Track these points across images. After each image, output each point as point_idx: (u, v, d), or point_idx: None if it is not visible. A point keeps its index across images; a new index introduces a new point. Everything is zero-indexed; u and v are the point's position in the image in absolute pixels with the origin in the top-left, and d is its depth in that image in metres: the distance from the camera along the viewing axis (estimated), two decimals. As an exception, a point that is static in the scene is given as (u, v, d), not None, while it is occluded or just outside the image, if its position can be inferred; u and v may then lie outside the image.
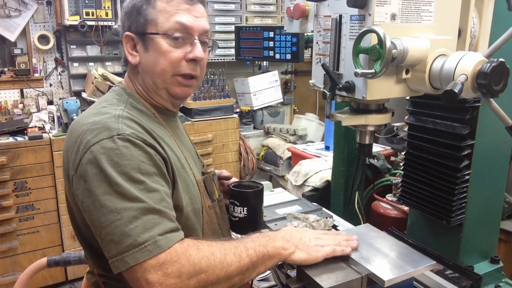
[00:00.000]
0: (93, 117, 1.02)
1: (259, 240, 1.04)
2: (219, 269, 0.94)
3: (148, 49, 1.11)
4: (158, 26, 1.09)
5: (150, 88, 1.14)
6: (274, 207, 1.55)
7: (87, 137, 0.98)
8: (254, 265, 1.00)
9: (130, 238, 0.90)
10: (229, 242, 1.01)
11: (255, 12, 4.20)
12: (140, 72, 1.15)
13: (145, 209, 0.92)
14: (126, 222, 0.90)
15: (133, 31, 1.12)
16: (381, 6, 0.94)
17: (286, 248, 1.05)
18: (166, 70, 1.10)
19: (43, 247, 3.18)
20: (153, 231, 0.91)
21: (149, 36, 1.09)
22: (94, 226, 0.95)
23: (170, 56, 1.09)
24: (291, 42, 3.61)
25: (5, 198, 2.99)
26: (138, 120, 1.05)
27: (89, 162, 0.95)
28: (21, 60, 3.46)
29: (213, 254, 0.95)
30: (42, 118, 3.41)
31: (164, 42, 1.09)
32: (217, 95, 3.81)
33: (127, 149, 0.96)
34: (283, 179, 3.61)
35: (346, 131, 1.91)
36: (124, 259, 0.90)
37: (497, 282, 1.36)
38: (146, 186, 0.95)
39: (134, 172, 0.95)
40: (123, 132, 0.98)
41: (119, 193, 0.92)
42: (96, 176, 0.94)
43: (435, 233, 1.42)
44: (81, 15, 3.38)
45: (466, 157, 1.27)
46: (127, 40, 1.13)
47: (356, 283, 1.03)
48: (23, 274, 1.80)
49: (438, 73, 0.96)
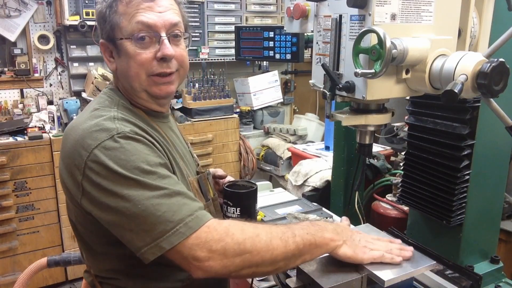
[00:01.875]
0: (88, 121, 1.02)
1: (308, 228, 1.03)
2: (264, 251, 0.95)
3: (120, 55, 1.10)
4: (122, 30, 1.07)
5: (131, 91, 1.13)
6: (274, 207, 1.56)
7: (87, 141, 0.97)
8: (300, 252, 1.00)
9: (161, 225, 0.91)
10: (276, 227, 1.01)
11: (255, 12, 4.20)
12: (119, 77, 1.15)
13: (166, 194, 0.94)
14: (153, 210, 0.92)
15: (104, 39, 1.12)
16: (381, 6, 0.94)
17: (335, 240, 1.04)
18: (139, 73, 1.08)
19: (43, 247, 3.18)
20: (181, 212, 0.93)
21: (117, 41, 1.08)
22: (119, 224, 0.95)
23: (139, 59, 1.07)
24: (291, 42, 3.61)
25: (5, 198, 2.99)
26: (133, 120, 1.05)
27: (96, 165, 0.95)
28: (21, 60, 3.46)
29: (258, 235, 0.96)
30: (42, 118, 3.41)
31: (130, 45, 1.07)
32: (217, 95, 3.81)
33: (130, 145, 0.97)
34: (283, 179, 3.61)
35: (346, 131, 1.91)
36: (159, 245, 0.91)
37: (497, 282, 1.35)
38: (159, 174, 0.96)
39: (144, 164, 0.96)
40: (122, 130, 0.98)
41: (137, 185, 0.93)
42: (109, 177, 0.94)
43: (435, 233, 1.42)
44: (81, 15, 3.38)
45: (466, 157, 1.27)
46: (104, 48, 1.13)
47: (356, 283, 1.03)
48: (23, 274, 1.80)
49: (438, 73, 0.96)
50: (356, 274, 1.04)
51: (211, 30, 4.02)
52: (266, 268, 0.97)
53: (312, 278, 1.03)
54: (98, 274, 1.14)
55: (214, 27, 4.03)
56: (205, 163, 3.67)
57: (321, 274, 1.04)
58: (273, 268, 0.99)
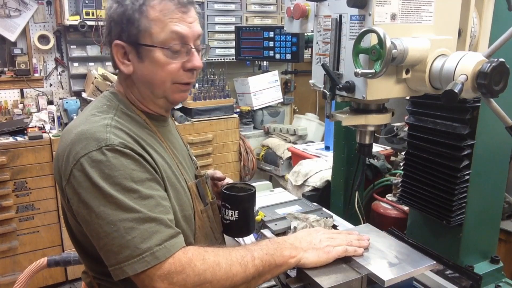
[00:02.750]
0: (82, 126, 1.02)
1: (267, 248, 1.04)
2: (224, 279, 0.96)
3: (143, 60, 1.07)
4: (153, 37, 1.05)
5: (147, 97, 1.12)
6: (274, 207, 1.56)
7: (76, 148, 0.97)
8: (260, 274, 1.01)
9: (128, 249, 0.91)
10: (236, 251, 1.01)
11: (255, 12, 4.20)
12: (135, 81, 1.12)
13: (140, 219, 0.93)
14: (123, 233, 0.92)
15: (124, 40, 1.07)
16: (381, 6, 0.94)
17: (293, 256, 1.05)
18: (165, 81, 1.08)
19: (43, 247, 3.18)
20: (150, 241, 0.92)
21: (144, 47, 1.05)
22: (92, 236, 0.97)
23: (169, 68, 1.07)
24: (291, 42, 3.61)
25: (5, 198, 2.98)
26: (126, 130, 1.04)
27: (81, 174, 0.95)
28: (21, 60, 3.46)
29: (218, 264, 0.96)
30: (42, 118, 3.41)
31: (161, 54, 1.05)
32: (217, 95, 3.81)
33: (116, 159, 0.96)
34: (283, 179, 3.61)
35: (346, 131, 1.91)
36: (123, 269, 0.92)
37: (497, 282, 1.36)
38: (140, 194, 0.95)
39: (127, 181, 0.95)
40: (111, 142, 0.97)
41: (114, 204, 0.93)
42: (89, 189, 0.94)
43: (435, 233, 1.42)
44: (81, 15, 3.38)
45: (466, 157, 1.27)
46: (117, 49, 1.08)
47: (356, 283, 1.03)
48: (23, 274, 1.80)
49: (438, 73, 0.96)
50: (356, 274, 1.04)
51: (211, 30, 4.02)
52: None
53: (312, 278, 1.03)
54: (95, 275, 1.14)
55: (214, 27, 4.03)
56: (205, 163, 3.66)
57: (321, 274, 1.04)
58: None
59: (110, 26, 1.09)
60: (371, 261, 1.09)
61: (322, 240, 1.10)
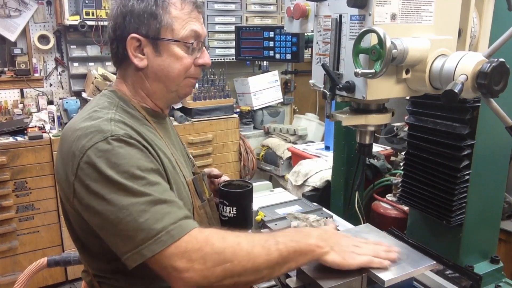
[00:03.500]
0: (85, 122, 1.03)
1: (292, 235, 1.02)
2: (245, 260, 0.93)
3: (161, 54, 1.11)
4: (174, 33, 1.10)
5: (158, 91, 1.15)
6: (274, 207, 1.56)
7: (82, 142, 0.98)
8: (284, 260, 0.97)
9: (143, 232, 0.91)
10: (259, 235, 1.02)
11: (255, 12, 4.20)
12: (148, 75, 1.14)
13: (152, 201, 0.94)
14: (136, 216, 0.92)
15: (142, 34, 1.10)
16: (381, 6, 0.94)
17: (321, 247, 1.01)
18: (180, 75, 1.14)
19: (43, 247, 3.18)
20: (164, 221, 0.93)
21: (163, 41, 1.10)
22: (103, 227, 0.96)
23: (185, 62, 1.13)
24: (291, 42, 3.60)
25: (5, 198, 2.98)
26: (130, 123, 1.06)
27: (88, 166, 0.95)
28: (21, 60, 3.46)
29: (239, 244, 0.95)
30: (42, 118, 3.41)
31: (179, 49, 1.12)
32: (217, 95, 3.81)
33: (122, 148, 0.97)
34: (283, 179, 3.61)
35: (346, 131, 1.91)
36: (141, 252, 0.91)
37: (497, 282, 1.36)
38: (148, 180, 0.97)
39: (134, 169, 0.96)
40: (116, 133, 0.99)
41: (123, 190, 0.93)
42: (98, 179, 0.94)
43: (435, 233, 1.42)
44: (81, 15, 3.38)
45: (466, 157, 1.27)
46: (132, 42, 1.10)
47: (356, 283, 1.03)
48: (23, 274, 1.80)
49: (438, 73, 0.96)
50: (356, 274, 1.04)
51: (211, 30, 4.02)
52: (248, 277, 0.95)
53: (312, 278, 1.03)
54: (96, 273, 1.14)
55: (214, 27, 4.03)
56: (205, 163, 3.66)
57: (321, 274, 1.04)
58: (256, 277, 0.97)
59: (125, 20, 1.10)
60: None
61: (349, 245, 1.06)
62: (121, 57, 1.14)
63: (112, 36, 1.13)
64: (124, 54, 1.12)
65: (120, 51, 1.12)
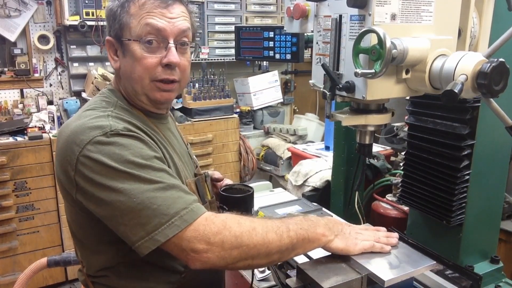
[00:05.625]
0: (82, 119, 1.03)
1: (301, 223, 1.05)
2: (260, 245, 0.97)
3: (125, 55, 1.10)
4: (131, 31, 1.06)
5: (131, 93, 1.13)
6: (274, 207, 1.56)
7: (80, 137, 0.98)
8: (293, 246, 1.02)
9: (157, 218, 0.92)
10: (271, 221, 1.03)
11: (255, 12, 4.20)
12: (121, 77, 1.14)
13: (160, 187, 0.95)
14: (148, 204, 0.92)
15: (112, 36, 1.11)
16: (381, 6, 0.94)
17: (326, 235, 1.06)
18: (142, 77, 1.08)
19: (43, 247, 3.18)
20: (176, 206, 0.94)
21: (125, 41, 1.08)
22: (114, 218, 0.96)
23: (145, 62, 1.06)
24: (291, 42, 3.60)
25: (5, 198, 2.99)
26: (128, 119, 1.05)
27: (89, 159, 0.95)
28: (21, 60, 3.46)
29: (254, 229, 0.97)
30: (42, 118, 3.41)
31: (138, 48, 1.06)
32: (217, 95, 3.81)
33: (123, 140, 0.97)
34: (283, 179, 3.61)
35: (346, 131, 1.91)
36: (154, 238, 0.92)
37: (497, 282, 1.35)
38: (153, 168, 0.97)
39: (138, 158, 0.96)
40: (116, 127, 0.99)
41: (131, 179, 0.94)
42: (103, 171, 0.94)
43: (435, 233, 1.42)
44: (81, 15, 3.38)
45: (466, 157, 1.27)
46: (109, 45, 1.13)
47: (356, 283, 1.03)
48: (23, 274, 1.80)
49: (438, 73, 0.96)
50: (356, 274, 1.04)
51: (211, 30, 4.02)
52: (261, 261, 1.00)
53: (312, 278, 1.03)
54: (90, 273, 1.14)
55: (214, 27, 4.03)
56: (205, 163, 3.66)
57: (321, 274, 1.04)
58: (268, 261, 1.01)
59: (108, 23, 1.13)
60: (371, 261, 1.09)
61: (351, 232, 1.12)
62: None
63: None
64: None
65: None
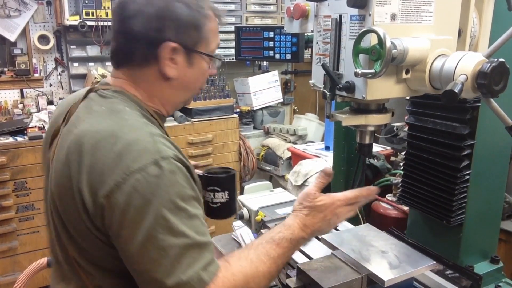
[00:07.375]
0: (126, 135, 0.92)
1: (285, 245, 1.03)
2: (266, 279, 0.98)
3: (193, 66, 1.06)
4: (208, 46, 1.08)
5: (177, 100, 1.13)
6: (274, 207, 1.56)
7: (126, 161, 0.89)
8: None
9: (175, 277, 0.87)
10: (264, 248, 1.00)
11: (255, 12, 4.20)
12: (173, 85, 1.07)
13: (189, 245, 0.89)
14: (173, 261, 0.88)
15: (180, 43, 1.02)
16: (381, 6, 0.94)
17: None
18: (200, 87, 1.15)
19: (43, 247, 3.17)
20: (196, 266, 0.89)
21: (197, 53, 1.06)
22: (134, 260, 0.91)
23: (207, 75, 1.13)
24: (291, 42, 3.61)
25: (5, 198, 2.99)
26: (164, 135, 1.00)
27: (134, 191, 0.87)
28: (21, 60, 3.46)
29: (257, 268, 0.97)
30: (42, 118, 3.41)
31: (205, 62, 1.10)
32: (217, 95, 3.81)
33: (172, 174, 0.90)
34: (283, 179, 3.61)
35: (346, 131, 1.91)
36: None
37: (497, 282, 1.35)
38: (188, 213, 0.91)
39: (178, 199, 0.90)
40: (166, 154, 0.91)
41: (165, 227, 0.88)
42: (141, 207, 0.87)
43: (435, 233, 1.42)
44: (81, 15, 3.38)
45: (466, 157, 1.27)
46: (169, 51, 1.02)
47: (356, 283, 1.03)
48: (23, 274, 1.80)
49: (438, 73, 0.96)
50: (356, 274, 1.04)
51: (211, 30, 4.02)
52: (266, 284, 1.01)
53: (312, 278, 1.03)
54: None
55: (214, 27, 4.03)
56: (205, 163, 3.66)
57: (321, 274, 1.04)
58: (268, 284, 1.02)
59: (164, 23, 1.00)
60: (371, 261, 1.09)
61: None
62: (143, 60, 1.03)
63: (140, 35, 1.00)
64: (150, 57, 1.02)
65: (145, 52, 1.02)
